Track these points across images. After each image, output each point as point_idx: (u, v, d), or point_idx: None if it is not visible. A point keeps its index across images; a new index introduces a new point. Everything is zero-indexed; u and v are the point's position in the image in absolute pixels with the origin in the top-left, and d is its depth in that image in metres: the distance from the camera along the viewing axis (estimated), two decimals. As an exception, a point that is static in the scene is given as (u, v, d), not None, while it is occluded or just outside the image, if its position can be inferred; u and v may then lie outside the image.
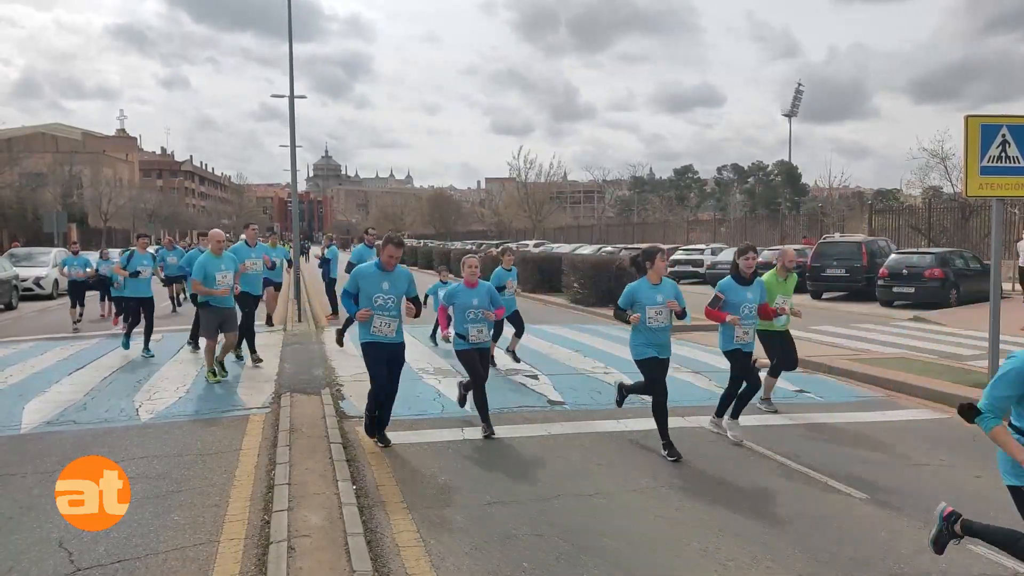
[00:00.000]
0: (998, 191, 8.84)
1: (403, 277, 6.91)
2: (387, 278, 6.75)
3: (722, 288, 7.19)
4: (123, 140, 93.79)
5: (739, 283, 7.19)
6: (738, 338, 7.10)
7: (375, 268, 6.83)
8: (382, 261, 6.78)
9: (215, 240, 9.89)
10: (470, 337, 7.32)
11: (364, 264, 7.18)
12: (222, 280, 9.67)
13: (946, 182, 35.21)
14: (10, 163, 47.28)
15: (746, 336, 7.15)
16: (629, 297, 6.72)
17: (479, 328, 7.33)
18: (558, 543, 4.79)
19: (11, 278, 21.63)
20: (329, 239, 22.18)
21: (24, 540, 4.83)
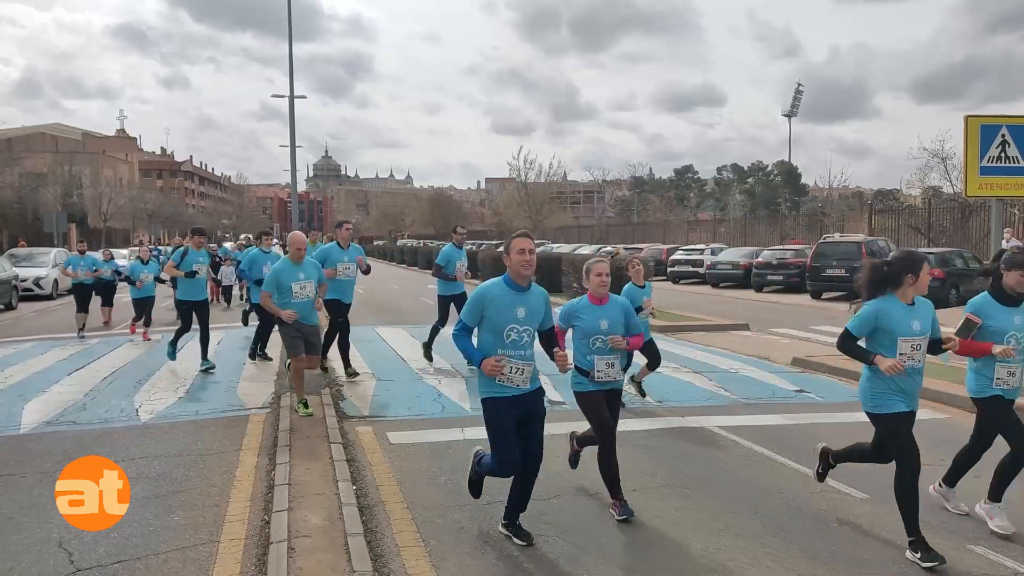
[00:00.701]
0: (998, 191, 8.86)
1: (540, 299, 4.86)
2: (523, 302, 4.71)
3: (977, 309, 5.04)
4: (123, 140, 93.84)
5: (1002, 302, 4.98)
6: (999, 380, 4.97)
7: (506, 287, 4.72)
8: (514, 274, 4.70)
9: (295, 245, 8.19)
10: (595, 374, 5.30)
11: (490, 284, 4.78)
12: (300, 292, 8.03)
13: (946, 182, 35.27)
14: (10, 163, 47.31)
15: (1012, 378, 4.98)
16: (871, 321, 4.67)
17: (609, 361, 5.34)
18: (558, 543, 4.79)
19: (11, 278, 21.63)
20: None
21: (24, 540, 4.84)
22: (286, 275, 8.03)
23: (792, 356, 11.69)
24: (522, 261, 4.59)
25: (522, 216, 63.83)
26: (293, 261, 8.14)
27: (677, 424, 7.79)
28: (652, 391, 9.19)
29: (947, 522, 5.14)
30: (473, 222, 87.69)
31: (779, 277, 24.99)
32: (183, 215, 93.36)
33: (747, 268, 26.71)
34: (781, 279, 24.87)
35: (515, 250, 4.58)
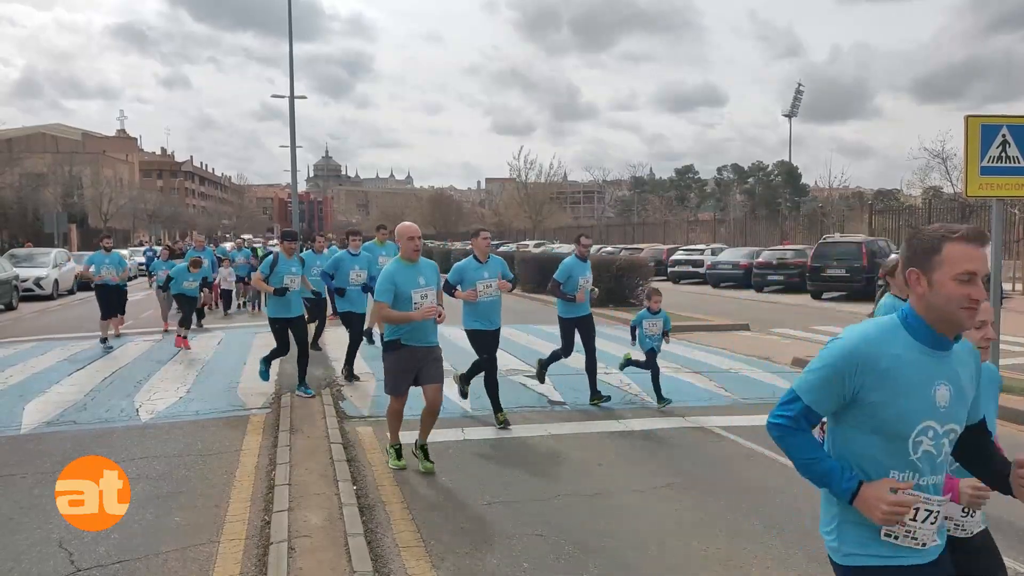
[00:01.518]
0: (998, 191, 8.84)
1: None
2: None
3: None
4: (123, 140, 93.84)
5: None
6: None
7: None
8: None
9: (407, 237, 6.31)
10: None
11: None
12: (421, 302, 6.17)
13: (946, 182, 35.27)
14: (10, 163, 47.29)
15: None
16: None
17: None
18: (558, 543, 4.79)
19: (11, 279, 21.64)
20: (328, 240, 22.18)
21: (25, 540, 4.84)
22: (404, 279, 6.17)
23: (792, 356, 11.69)
24: None
25: (522, 216, 63.87)
26: (408, 261, 6.29)
27: (677, 424, 7.78)
28: (653, 391, 9.19)
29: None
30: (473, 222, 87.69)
31: (779, 277, 25.00)
32: (183, 215, 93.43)
33: (747, 268, 26.71)
34: (781, 279, 24.88)
35: None
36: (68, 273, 26.33)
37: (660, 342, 8.53)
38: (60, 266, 25.61)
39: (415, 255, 6.29)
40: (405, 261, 6.24)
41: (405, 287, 6.12)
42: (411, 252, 6.25)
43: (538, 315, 18.26)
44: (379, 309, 6.15)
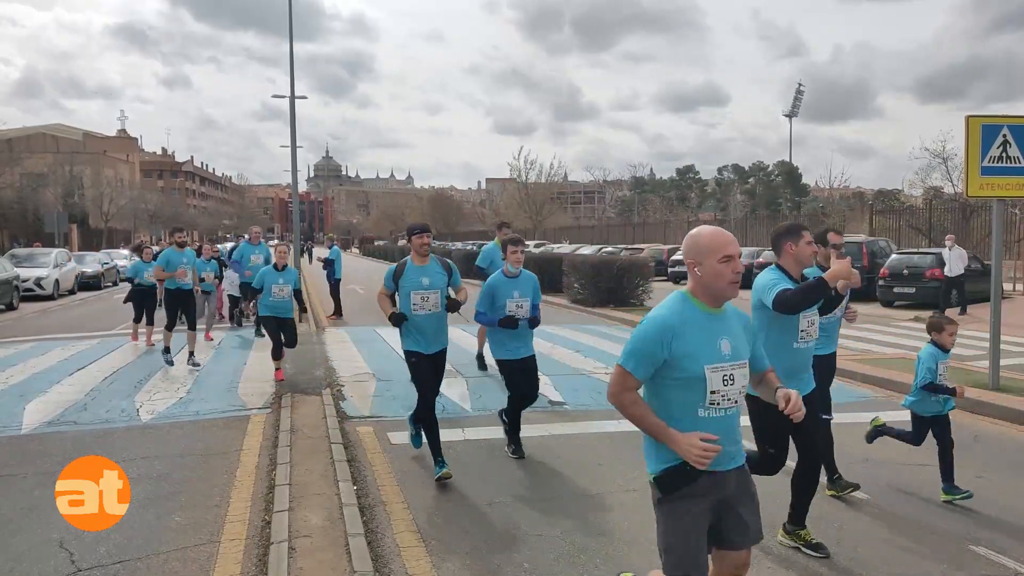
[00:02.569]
0: (999, 191, 8.84)
1: None
2: None
3: None
4: (124, 140, 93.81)
5: None
6: None
7: None
8: None
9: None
10: None
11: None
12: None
13: (947, 182, 35.25)
14: (11, 163, 47.28)
15: None
16: None
17: None
18: (559, 543, 4.79)
19: (12, 279, 21.65)
20: (330, 240, 22.22)
21: (25, 541, 4.84)
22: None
23: (793, 356, 11.66)
24: None
25: (522, 216, 63.84)
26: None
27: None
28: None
29: (948, 521, 5.13)
30: (473, 222, 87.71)
31: (780, 277, 24.94)
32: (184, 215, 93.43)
33: (748, 268, 26.63)
34: (782, 279, 24.81)
35: None
36: (69, 273, 26.33)
37: (951, 402, 5.71)
38: (61, 266, 25.61)
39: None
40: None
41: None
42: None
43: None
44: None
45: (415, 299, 6.07)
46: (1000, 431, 7.65)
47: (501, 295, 6.52)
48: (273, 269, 10.02)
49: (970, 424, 7.87)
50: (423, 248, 6.15)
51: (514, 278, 6.62)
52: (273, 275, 9.94)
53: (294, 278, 10.17)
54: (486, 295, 6.56)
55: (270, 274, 9.96)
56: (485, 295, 6.57)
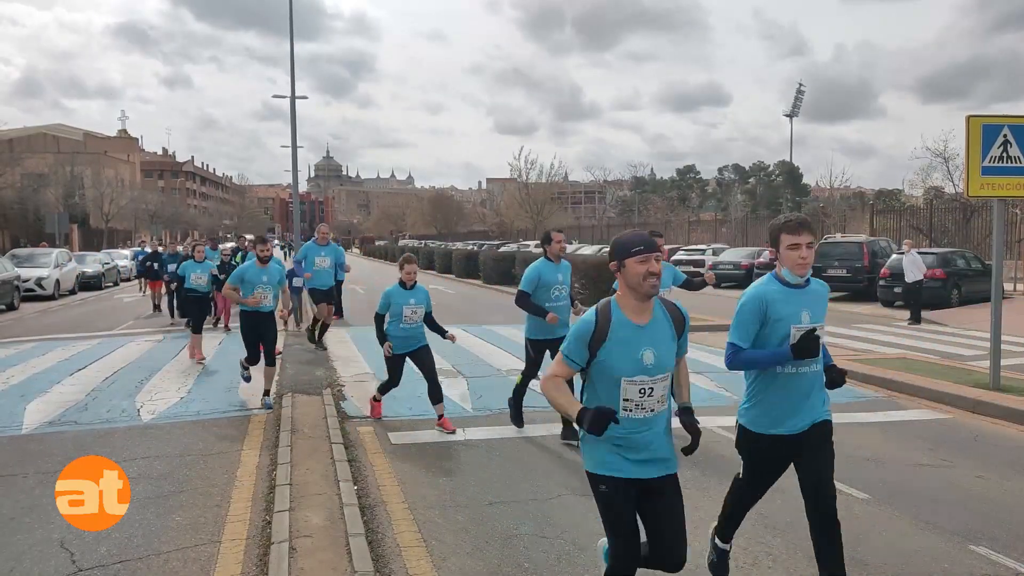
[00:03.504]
0: (999, 191, 8.84)
1: None
2: None
3: None
4: (125, 140, 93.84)
5: None
6: None
7: None
8: None
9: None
10: None
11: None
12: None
13: (948, 182, 35.26)
14: (12, 163, 47.32)
15: None
16: None
17: None
18: (559, 543, 4.79)
19: (13, 279, 21.66)
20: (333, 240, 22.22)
21: (26, 540, 4.84)
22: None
23: (793, 356, 11.66)
24: None
25: (523, 216, 63.83)
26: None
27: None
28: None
29: (948, 521, 5.13)
30: (474, 223, 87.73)
31: (780, 277, 24.96)
32: (184, 216, 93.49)
33: (748, 268, 26.71)
34: (782, 279, 24.83)
35: None
36: (69, 273, 26.35)
37: None
38: (61, 266, 25.62)
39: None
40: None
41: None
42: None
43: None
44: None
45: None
46: (1000, 431, 7.64)
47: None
48: (401, 288, 7.41)
49: (970, 424, 7.87)
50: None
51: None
52: (403, 295, 7.41)
53: (425, 299, 7.59)
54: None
55: (398, 294, 7.41)
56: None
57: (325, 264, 13.03)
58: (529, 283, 7.02)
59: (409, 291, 7.37)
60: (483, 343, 13.20)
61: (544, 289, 7.03)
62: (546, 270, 7.11)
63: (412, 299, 7.35)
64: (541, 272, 7.08)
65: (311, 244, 13.34)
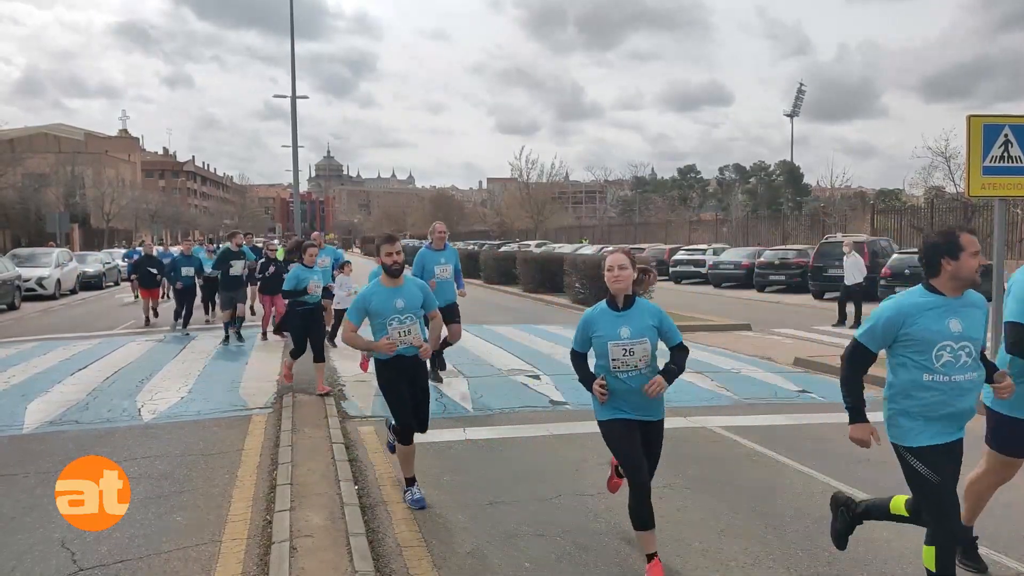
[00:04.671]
0: (1000, 191, 8.84)
1: None
2: None
3: None
4: (125, 140, 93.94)
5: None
6: None
7: None
8: None
9: None
10: None
11: None
12: None
13: (949, 182, 35.24)
14: (13, 163, 47.38)
15: None
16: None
17: None
18: (560, 543, 4.79)
19: (14, 278, 21.67)
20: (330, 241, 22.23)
21: (27, 540, 4.85)
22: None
23: (794, 356, 11.68)
24: None
25: (524, 216, 63.83)
26: None
27: (679, 424, 7.78)
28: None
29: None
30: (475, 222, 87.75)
31: (781, 277, 25.01)
32: (185, 215, 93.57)
33: (749, 268, 26.72)
34: (783, 279, 24.88)
35: None
36: (70, 273, 26.36)
37: None
38: (62, 266, 25.63)
39: None
40: None
41: None
42: None
43: (538, 314, 18.27)
44: None
45: None
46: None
47: None
48: None
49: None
50: None
51: None
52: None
53: None
54: None
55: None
56: None
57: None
58: None
59: None
60: (484, 343, 13.20)
61: None
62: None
63: None
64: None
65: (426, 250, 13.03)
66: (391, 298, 5.30)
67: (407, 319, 5.30)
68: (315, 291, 9.20)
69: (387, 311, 5.27)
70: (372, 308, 5.29)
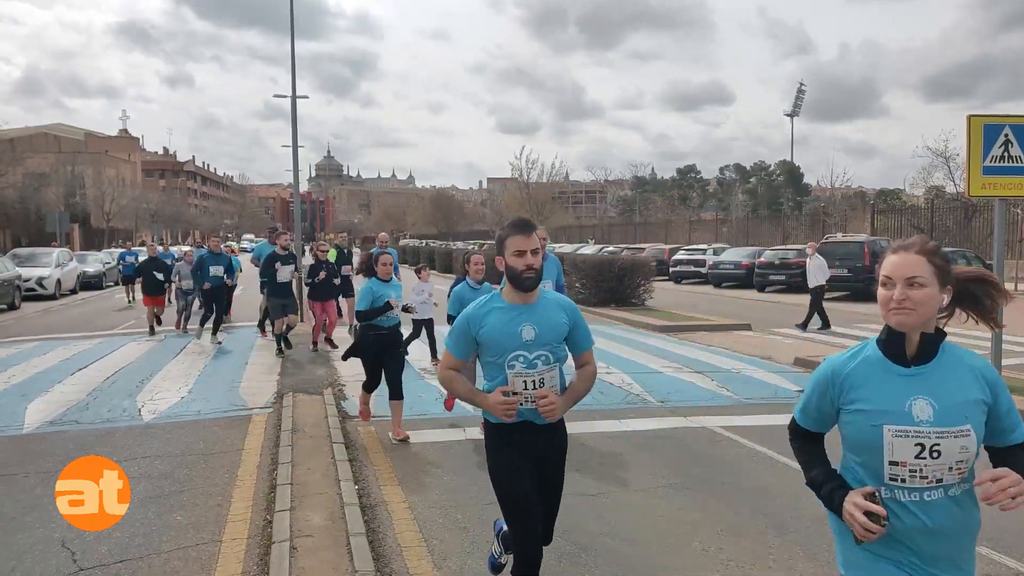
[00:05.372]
0: (1001, 191, 8.83)
1: None
2: None
3: None
4: (126, 140, 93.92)
5: None
6: None
7: None
8: None
9: None
10: None
11: None
12: None
13: (949, 182, 35.25)
14: (13, 163, 47.39)
15: None
16: None
17: None
18: (560, 543, 4.78)
19: (14, 278, 21.67)
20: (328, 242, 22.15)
21: (27, 539, 4.85)
22: None
23: (794, 356, 11.68)
24: None
25: (524, 216, 63.77)
26: None
27: (679, 424, 7.78)
28: (655, 391, 9.20)
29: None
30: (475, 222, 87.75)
31: (781, 277, 24.99)
32: (185, 215, 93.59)
33: (749, 268, 26.71)
34: (783, 279, 24.87)
35: None
36: (70, 273, 26.35)
37: None
38: (62, 266, 25.63)
39: None
40: None
41: None
42: None
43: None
44: None
45: None
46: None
47: None
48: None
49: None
50: None
51: None
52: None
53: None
54: None
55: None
56: None
57: None
58: None
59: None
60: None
61: None
62: None
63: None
64: None
65: None
66: (516, 323, 3.29)
67: (538, 360, 3.28)
68: (397, 311, 7.42)
69: (509, 344, 3.27)
70: (484, 336, 3.30)
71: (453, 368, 3.39)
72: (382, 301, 7.25)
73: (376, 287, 7.35)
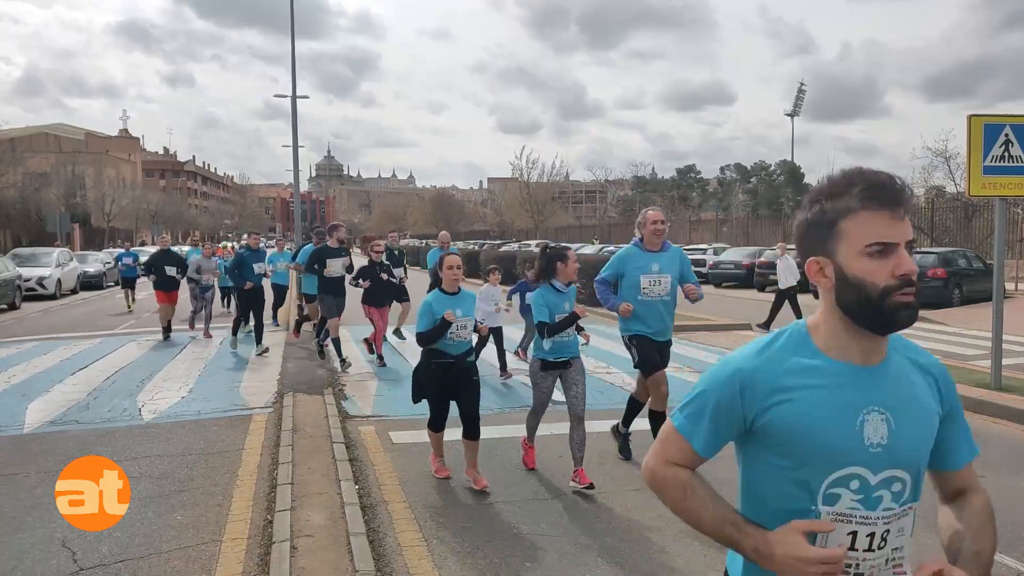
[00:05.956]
0: (1001, 191, 8.84)
1: None
2: None
3: None
4: (126, 140, 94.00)
5: None
6: None
7: None
8: None
9: None
10: None
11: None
12: None
13: (949, 181, 35.22)
14: (13, 163, 47.39)
15: None
16: None
17: None
18: (560, 542, 4.79)
19: (14, 278, 21.67)
20: None
21: (27, 539, 4.85)
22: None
23: (794, 356, 11.66)
24: None
25: (524, 216, 63.85)
26: None
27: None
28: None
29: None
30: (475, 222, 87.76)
31: (782, 277, 24.95)
32: (185, 215, 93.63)
33: (749, 268, 26.69)
34: (784, 279, 24.82)
35: None
36: (71, 273, 26.36)
37: None
38: (63, 266, 25.64)
39: None
40: None
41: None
42: None
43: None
44: None
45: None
46: (1002, 430, 7.64)
47: None
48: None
49: (972, 423, 7.85)
50: None
51: None
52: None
53: None
54: None
55: None
56: None
57: None
58: None
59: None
60: (484, 342, 13.18)
61: None
62: None
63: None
64: None
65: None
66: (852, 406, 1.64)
67: (886, 490, 1.74)
68: (465, 332, 5.89)
69: (839, 446, 1.66)
70: (780, 421, 1.66)
71: (679, 464, 1.84)
72: (438, 317, 5.72)
73: (437, 301, 5.86)
